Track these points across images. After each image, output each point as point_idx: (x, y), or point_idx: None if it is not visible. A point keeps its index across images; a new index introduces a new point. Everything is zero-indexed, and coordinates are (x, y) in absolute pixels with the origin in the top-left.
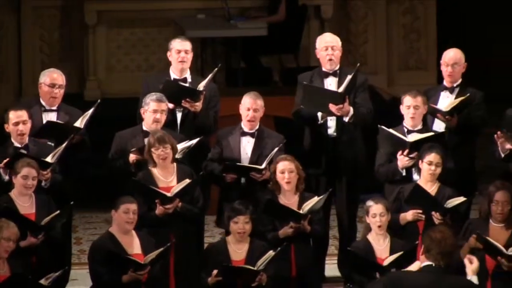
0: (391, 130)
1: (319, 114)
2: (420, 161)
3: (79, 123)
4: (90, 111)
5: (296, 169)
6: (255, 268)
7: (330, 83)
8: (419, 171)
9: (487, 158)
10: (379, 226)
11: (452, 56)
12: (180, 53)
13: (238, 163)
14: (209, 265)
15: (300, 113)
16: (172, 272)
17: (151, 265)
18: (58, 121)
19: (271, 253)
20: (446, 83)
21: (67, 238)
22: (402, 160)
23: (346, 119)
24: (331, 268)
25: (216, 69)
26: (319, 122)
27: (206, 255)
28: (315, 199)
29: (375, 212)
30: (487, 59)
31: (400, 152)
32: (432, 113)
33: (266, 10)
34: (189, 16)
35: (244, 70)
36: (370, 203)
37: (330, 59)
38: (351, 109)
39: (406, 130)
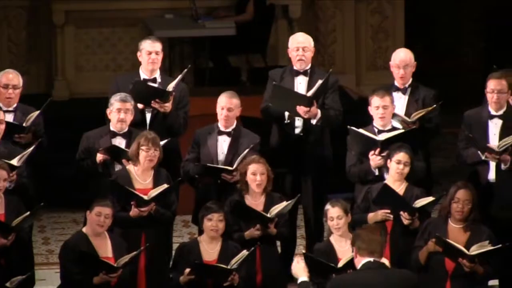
0: (361, 130)
1: (286, 113)
2: (388, 160)
3: (25, 122)
4: (38, 111)
5: (267, 171)
6: (229, 267)
7: (300, 82)
8: (387, 170)
9: (447, 159)
10: (337, 229)
11: (403, 58)
12: (150, 55)
13: (208, 164)
14: (180, 264)
15: (268, 110)
16: (143, 272)
17: (123, 268)
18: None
19: (244, 252)
20: (398, 84)
21: (29, 240)
22: (375, 159)
23: (313, 121)
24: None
25: (185, 69)
26: (285, 122)
27: (178, 254)
28: (284, 203)
29: (332, 215)
30: (456, 59)
31: (372, 152)
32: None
33: (234, 9)
34: (156, 16)
35: (212, 70)
36: (327, 206)
37: (300, 60)
38: (319, 112)
39: (376, 130)
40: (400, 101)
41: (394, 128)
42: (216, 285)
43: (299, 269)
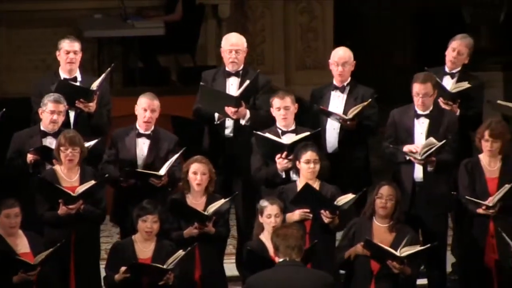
0: (267, 135)
1: (216, 114)
2: (297, 162)
3: None
4: None
5: (209, 172)
6: (165, 267)
7: (232, 83)
8: (297, 171)
9: (381, 158)
10: (274, 227)
11: (342, 55)
12: (69, 54)
13: (138, 170)
14: (115, 262)
15: (199, 112)
16: (72, 270)
17: (41, 265)
18: None
19: (180, 252)
20: (336, 82)
21: None
22: (281, 163)
23: (242, 122)
24: (230, 267)
25: (109, 68)
26: (215, 123)
27: (112, 253)
28: (221, 201)
29: (270, 213)
30: (387, 58)
31: (278, 155)
32: (326, 114)
33: (163, 9)
34: (85, 16)
35: (141, 70)
36: (264, 203)
37: (233, 62)
38: (248, 112)
39: (280, 131)
40: (339, 100)
41: (297, 128)
42: (150, 284)
43: None
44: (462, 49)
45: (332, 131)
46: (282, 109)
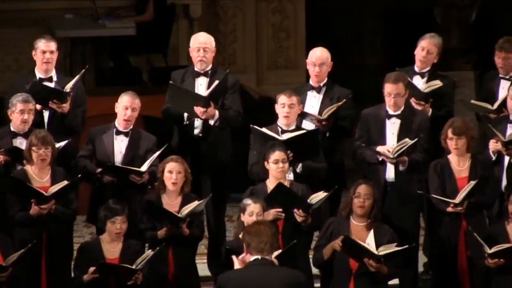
0: (263, 129)
1: (185, 114)
2: (265, 162)
3: None
4: None
5: (184, 172)
6: (134, 267)
7: (201, 83)
8: (266, 172)
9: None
10: None
11: (319, 56)
12: (45, 54)
13: (120, 165)
14: (83, 263)
15: (168, 112)
16: (44, 270)
17: (12, 266)
18: None
19: (149, 252)
20: (313, 82)
21: None
22: None
23: (211, 122)
24: (202, 268)
25: (83, 70)
26: (184, 123)
27: (80, 253)
28: (195, 203)
29: (253, 210)
30: (358, 58)
31: None
32: (300, 115)
33: (134, 9)
34: (57, 16)
35: (113, 70)
36: (248, 201)
37: (201, 60)
38: (217, 112)
39: (280, 129)
40: (315, 100)
41: (298, 128)
42: (119, 284)
43: None
44: (431, 48)
45: None
46: (286, 106)
